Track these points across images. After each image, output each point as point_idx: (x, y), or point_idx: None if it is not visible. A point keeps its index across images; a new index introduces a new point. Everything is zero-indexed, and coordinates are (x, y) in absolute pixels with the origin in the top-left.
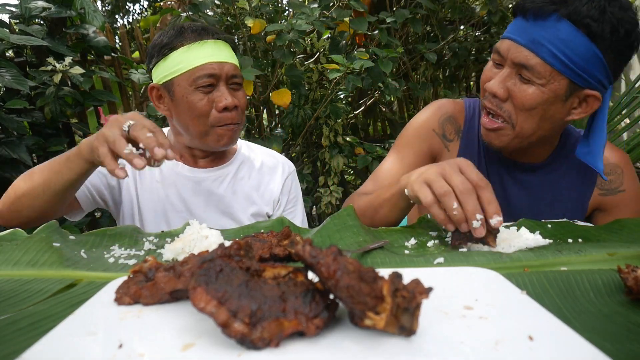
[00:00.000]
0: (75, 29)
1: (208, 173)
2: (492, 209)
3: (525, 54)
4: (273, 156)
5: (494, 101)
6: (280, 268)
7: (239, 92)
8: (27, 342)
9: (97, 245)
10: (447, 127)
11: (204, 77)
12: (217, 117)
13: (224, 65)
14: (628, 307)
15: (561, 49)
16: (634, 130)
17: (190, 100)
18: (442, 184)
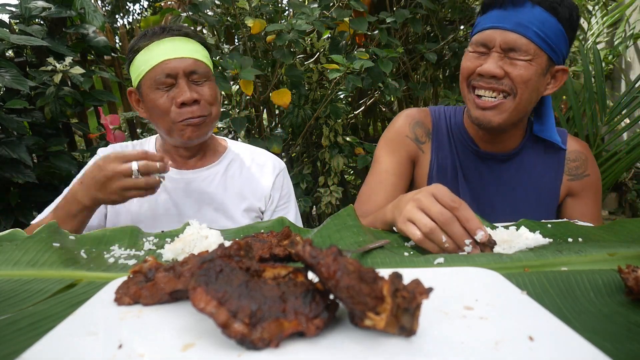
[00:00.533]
0: (75, 29)
1: (197, 173)
2: (473, 225)
3: (514, 36)
4: (263, 154)
5: (491, 81)
6: (280, 268)
7: (202, 86)
8: (27, 342)
9: (97, 245)
10: (418, 131)
11: (162, 75)
12: (177, 113)
13: (182, 61)
14: (628, 307)
15: (541, 28)
16: (634, 130)
17: (152, 99)
18: (425, 221)
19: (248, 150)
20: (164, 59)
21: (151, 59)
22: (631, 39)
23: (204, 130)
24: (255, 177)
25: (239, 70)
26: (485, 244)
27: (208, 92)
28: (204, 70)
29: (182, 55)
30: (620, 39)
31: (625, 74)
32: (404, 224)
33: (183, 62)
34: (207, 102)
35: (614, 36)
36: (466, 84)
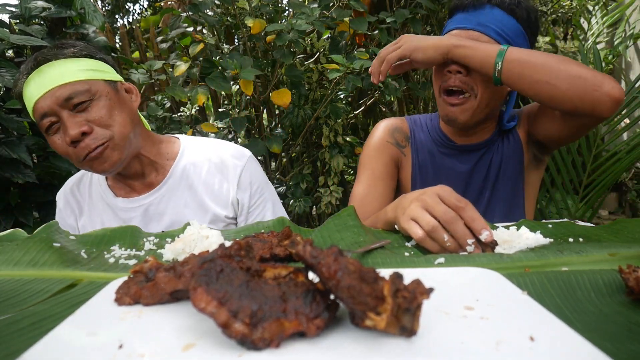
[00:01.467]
0: (75, 29)
1: (151, 196)
2: (478, 225)
3: (475, 34)
4: (219, 149)
5: (458, 77)
6: (280, 268)
7: (89, 111)
8: (28, 342)
9: (97, 245)
10: (397, 135)
11: (39, 120)
12: (75, 153)
13: (50, 94)
14: (629, 307)
15: (500, 27)
16: (634, 130)
17: (51, 145)
18: (428, 219)
19: (203, 149)
20: (33, 101)
21: (28, 105)
22: (631, 39)
23: (115, 157)
24: (215, 182)
25: (239, 70)
26: (487, 244)
27: (97, 113)
28: (81, 91)
29: (49, 87)
30: (620, 39)
31: (625, 74)
32: (407, 222)
33: (52, 95)
34: (100, 127)
35: (614, 36)
36: (438, 88)
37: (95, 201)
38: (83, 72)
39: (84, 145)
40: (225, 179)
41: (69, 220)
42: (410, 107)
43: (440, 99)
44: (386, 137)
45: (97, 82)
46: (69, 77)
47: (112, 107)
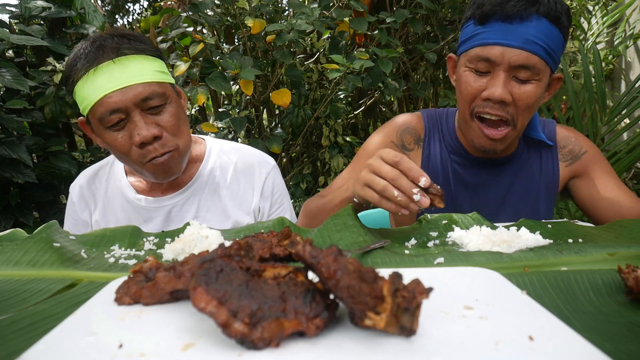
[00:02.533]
0: (75, 29)
1: (175, 198)
2: (415, 174)
3: (525, 54)
4: (246, 156)
5: (498, 106)
6: (280, 268)
7: (162, 115)
8: (28, 342)
9: (97, 245)
10: (406, 137)
11: (107, 115)
12: (139, 154)
13: (129, 90)
14: (628, 307)
15: (546, 42)
16: (634, 130)
17: (107, 139)
18: (377, 180)
19: (228, 153)
20: (104, 93)
21: (91, 94)
22: (631, 39)
23: (177, 166)
24: (240, 189)
25: (239, 70)
26: (433, 193)
27: (169, 120)
28: (159, 93)
29: (127, 84)
30: (620, 39)
31: (625, 74)
32: (362, 189)
33: (129, 91)
34: (170, 134)
35: (614, 36)
36: (469, 111)
37: (112, 197)
38: (158, 73)
39: (152, 148)
40: (249, 186)
41: (82, 215)
42: (411, 107)
43: (473, 125)
44: (392, 136)
45: (168, 86)
46: (148, 77)
47: (180, 114)
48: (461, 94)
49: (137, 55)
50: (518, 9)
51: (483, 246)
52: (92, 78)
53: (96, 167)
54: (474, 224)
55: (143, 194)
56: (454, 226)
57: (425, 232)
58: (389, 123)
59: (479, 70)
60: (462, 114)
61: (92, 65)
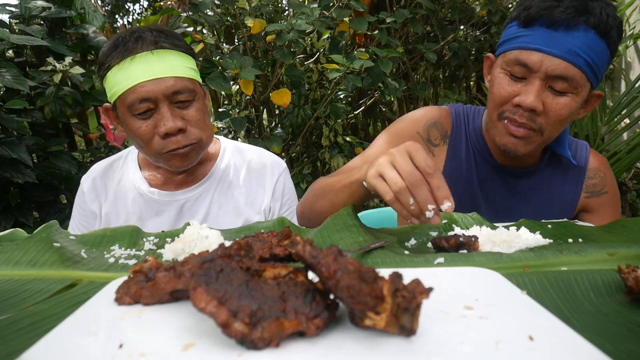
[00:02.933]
0: (75, 29)
1: (188, 193)
2: (442, 194)
3: (565, 65)
4: (259, 156)
5: (527, 115)
6: (280, 268)
7: (189, 109)
8: (28, 342)
9: (97, 245)
10: (433, 132)
11: (136, 102)
12: (161, 144)
13: (161, 82)
14: (628, 307)
15: (591, 56)
16: (634, 130)
17: (131, 126)
18: (396, 179)
19: (243, 152)
20: (139, 81)
21: (124, 81)
22: (631, 39)
23: (193, 158)
24: (252, 188)
25: (239, 70)
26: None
27: (195, 115)
28: (189, 89)
29: (161, 75)
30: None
31: (625, 74)
32: (375, 178)
33: (162, 83)
34: (195, 128)
35: None
36: (497, 113)
37: (125, 190)
38: (190, 70)
39: (175, 140)
40: (261, 186)
41: (91, 206)
42: (411, 107)
43: (499, 124)
44: (419, 128)
45: (197, 83)
46: (182, 72)
47: (204, 111)
48: (492, 95)
49: (173, 51)
50: (566, 16)
51: (483, 246)
52: (127, 66)
53: (110, 159)
54: (474, 224)
55: (156, 188)
56: (454, 226)
57: (425, 232)
58: (414, 112)
59: (514, 75)
60: (489, 114)
61: (129, 54)
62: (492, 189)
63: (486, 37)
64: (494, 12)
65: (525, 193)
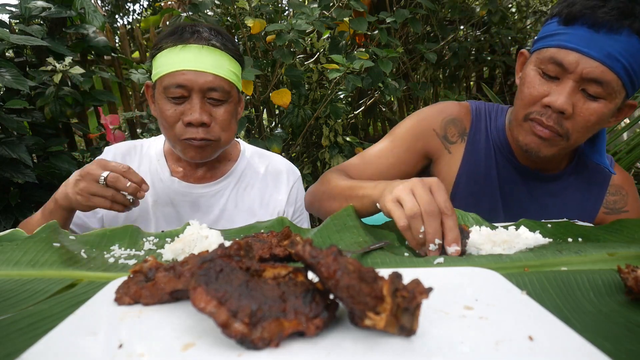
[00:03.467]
0: (75, 29)
1: (206, 188)
2: (451, 236)
3: (602, 69)
4: (277, 162)
5: (555, 117)
6: (280, 268)
7: (218, 108)
8: (27, 342)
9: (97, 245)
10: (450, 129)
11: (173, 86)
12: (181, 130)
13: (200, 74)
14: (628, 307)
15: (631, 63)
16: (634, 130)
17: (161, 107)
18: (412, 204)
19: (261, 157)
20: (182, 68)
21: (169, 64)
22: None
23: (208, 153)
24: (267, 191)
25: None
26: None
27: (222, 115)
28: (224, 90)
29: (203, 69)
30: None
31: None
32: (392, 202)
33: (202, 76)
34: (218, 127)
35: None
36: (525, 114)
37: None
38: (233, 74)
39: (195, 131)
40: (276, 190)
41: None
42: (411, 107)
43: (524, 124)
44: (435, 124)
45: (235, 88)
46: (223, 72)
47: (233, 115)
48: (522, 94)
49: (222, 52)
50: (610, 17)
51: (483, 246)
52: (176, 51)
53: (127, 144)
54: (473, 224)
55: (176, 177)
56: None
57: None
58: (435, 107)
59: (547, 74)
60: (516, 113)
61: (182, 43)
62: (511, 189)
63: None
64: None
65: (545, 198)
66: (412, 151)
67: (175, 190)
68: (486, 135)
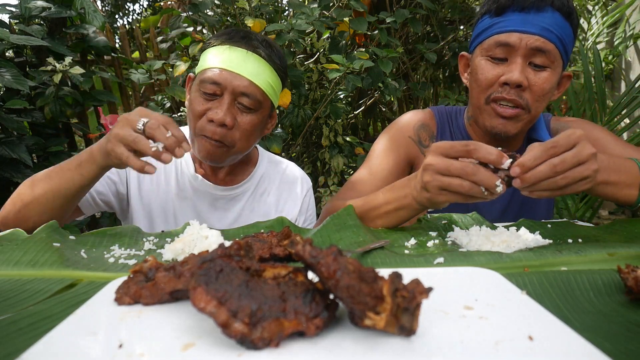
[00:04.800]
0: (75, 29)
1: (227, 191)
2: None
3: (542, 40)
4: (292, 170)
5: (514, 92)
6: (280, 268)
7: (245, 115)
8: (27, 342)
9: (97, 245)
10: (422, 134)
11: (208, 82)
12: (202, 125)
13: (237, 77)
14: (628, 307)
15: (561, 34)
16: (634, 130)
17: (193, 99)
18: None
19: (277, 164)
20: (222, 66)
21: (212, 61)
22: (631, 39)
23: (219, 156)
24: (282, 198)
25: None
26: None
27: (247, 123)
28: (256, 98)
29: (241, 73)
30: (620, 39)
31: (625, 74)
32: (439, 194)
33: (238, 79)
34: (238, 133)
35: (614, 36)
36: (485, 98)
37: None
38: (269, 86)
39: (213, 129)
40: (290, 198)
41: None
42: (411, 107)
43: (487, 108)
44: (409, 131)
45: (269, 101)
46: (260, 82)
47: (258, 127)
48: (478, 82)
49: (265, 62)
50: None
51: (483, 246)
52: (222, 50)
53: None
54: (473, 224)
55: (199, 174)
56: (453, 226)
57: (425, 232)
58: (399, 119)
59: (495, 57)
60: (476, 101)
61: (230, 44)
62: None
63: None
64: None
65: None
66: (399, 160)
67: (197, 188)
68: (450, 135)
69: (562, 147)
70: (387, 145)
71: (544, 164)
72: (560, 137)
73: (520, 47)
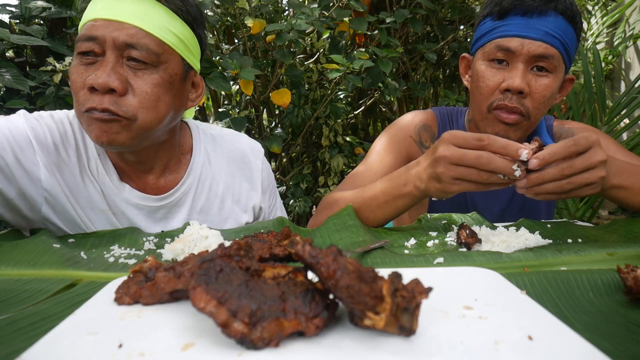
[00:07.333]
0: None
1: (162, 201)
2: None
3: (544, 46)
4: (237, 144)
5: (516, 98)
6: (280, 268)
7: (139, 74)
8: (27, 342)
9: (97, 246)
10: (423, 134)
11: (83, 38)
12: (83, 98)
13: (118, 25)
14: (627, 307)
15: (564, 38)
16: (634, 130)
17: (70, 72)
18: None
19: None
20: (96, 17)
21: (88, 13)
22: (631, 39)
23: (119, 134)
24: (234, 182)
25: (239, 70)
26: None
27: (145, 86)
28: (150, 50)
29: (121, 19)
30: (620, 39)
31: (625, 74)
32: (453, 184)
33: (122, 29)
34: (136, 100)
35: (613, 36)
36: (487, 105)
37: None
38: (171, 34)
39: (98, 99)
40: (245, 179)
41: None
42: (411, 107)
43: (489, 116)
44: (411, 131)
45: (173, 53)
46: (152, 27)
47: (165, 91)
48: (479, 89)
49: (162, 5)
50: (537, 4)
51: (483, 246)
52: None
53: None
54: (473, 224)
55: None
56: (453, 226)
57: (425, 232)
58: (401, 119)
59: (496, 59)
60: (478, 108)
61: None
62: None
63: None
64: None
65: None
66: (399, 159)
67: (126, 200)
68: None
69: (582, 147)
70: (388, 143)
71: (552, 166)
72: (580, 137)
73: (522, 54)
